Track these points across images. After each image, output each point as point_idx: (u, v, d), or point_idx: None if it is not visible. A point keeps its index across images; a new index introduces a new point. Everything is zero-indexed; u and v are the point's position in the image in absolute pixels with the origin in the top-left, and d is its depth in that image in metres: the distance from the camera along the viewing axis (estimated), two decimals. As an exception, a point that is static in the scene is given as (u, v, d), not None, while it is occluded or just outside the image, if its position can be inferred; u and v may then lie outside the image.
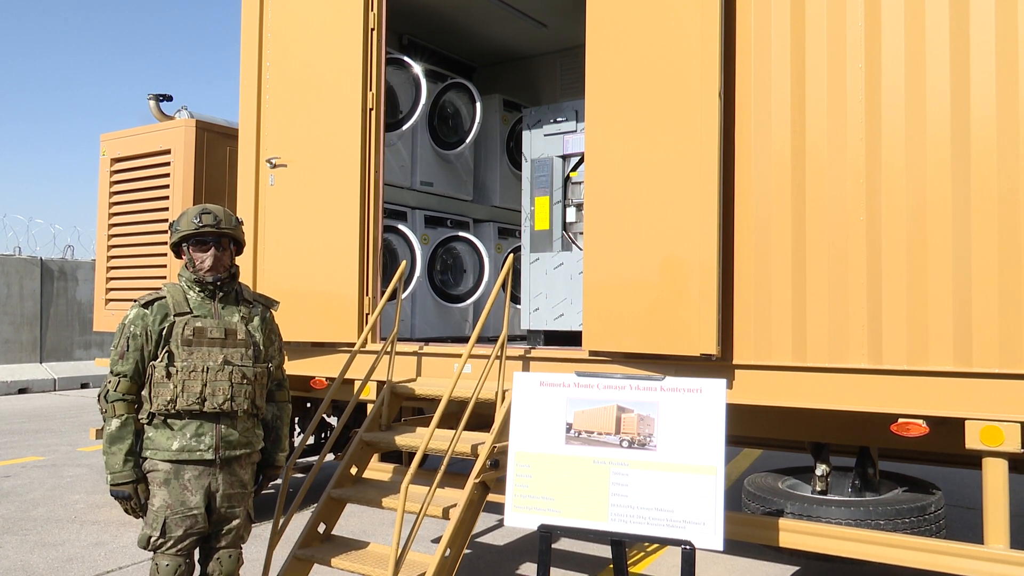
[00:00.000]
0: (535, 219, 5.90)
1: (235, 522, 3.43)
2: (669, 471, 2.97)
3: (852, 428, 3.89)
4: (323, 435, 7.32)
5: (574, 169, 5.80)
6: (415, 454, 4.52)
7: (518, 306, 7.04)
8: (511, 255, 4.56)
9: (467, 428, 4.20)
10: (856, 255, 3.58)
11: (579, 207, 5.74)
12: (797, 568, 5.22)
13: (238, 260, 3.59)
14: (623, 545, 3.20)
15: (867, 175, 3.57)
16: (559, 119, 5.85)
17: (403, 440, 4.39)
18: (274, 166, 5.48)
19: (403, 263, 4.90)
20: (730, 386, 3.79)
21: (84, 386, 15.90)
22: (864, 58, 3.60)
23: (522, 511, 3.14)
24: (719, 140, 3.76)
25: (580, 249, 5.71)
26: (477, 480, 3.91)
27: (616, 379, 3.12)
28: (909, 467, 4.67)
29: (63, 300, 16.29)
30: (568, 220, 5.79)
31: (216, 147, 6.44)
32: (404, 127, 5.83)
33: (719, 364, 3.84)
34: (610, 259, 4.14)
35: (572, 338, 5.56)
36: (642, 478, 3.00)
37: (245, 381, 3.41)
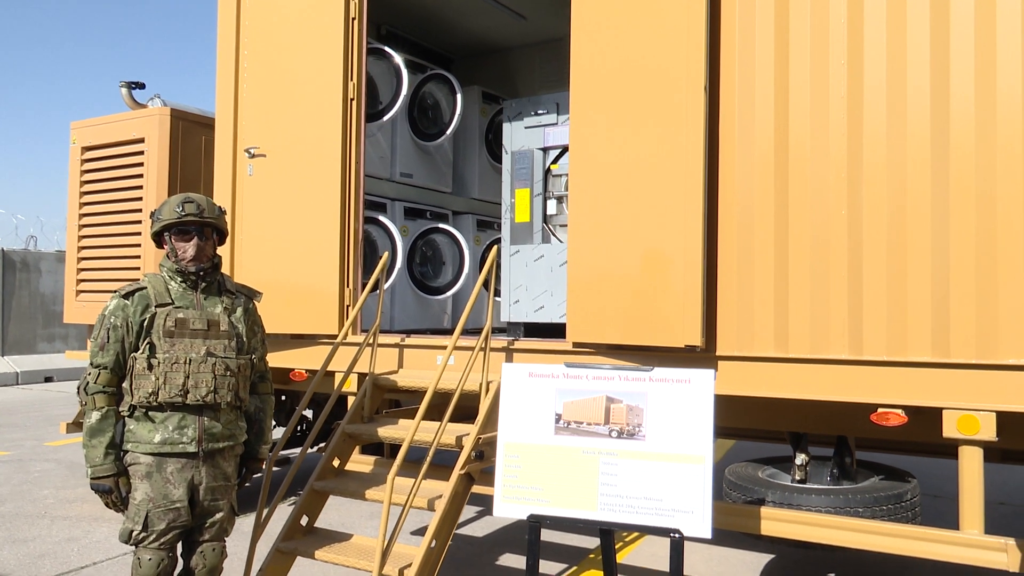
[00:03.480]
0: (515, 211, 5.90)
1: (218, 515, 3.40)
2: (658, 460, 2.99)
3: (831, 418, 3.96)
4: (300, 428, 7.26)
5: (555, 162, 5.80)
6: (398, 446, 4.52)
7: (497, 299, 7.04)
8: (496, 246, 4.56)
9: (449, 420, 4.19)
10: (837, 248, 3.63)
11: (560, 199, 5.75)
12: (773, 556, 5.31)
13: (219, 250, 3.54)
14: (612, 534, 3.23)
15: (848, 170, 3.62)
16: (540, 111, 5.85)
17: (386, 432, 4.37)
18: (252, 156, 5.41)
19: (385, 254, 4.88)
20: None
21: (48, 380, 15.60)
22: (847, 55, 3.65)
23: (511, 502, 3.15)
24: (704, 134, 3.78)
25: (561, 241, 5.73)
26: (462, 471, 3.91)
27: (605, 370, 3.14)
28: (883, 456, 4.76)
29: (26, 292, 15.96)
30: (548, 212, 5.80)
31: (191, 136, 6.34)
32: (384, 118, 5.79)
33: (703, 355, 3.88)
34: (594, 251, 4.16)
35: (552, 330, 5.57)
36: (631, 468, 3.02)
37: (228, 373, 3.37)
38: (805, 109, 3.72)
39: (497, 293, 7.07)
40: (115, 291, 3.36)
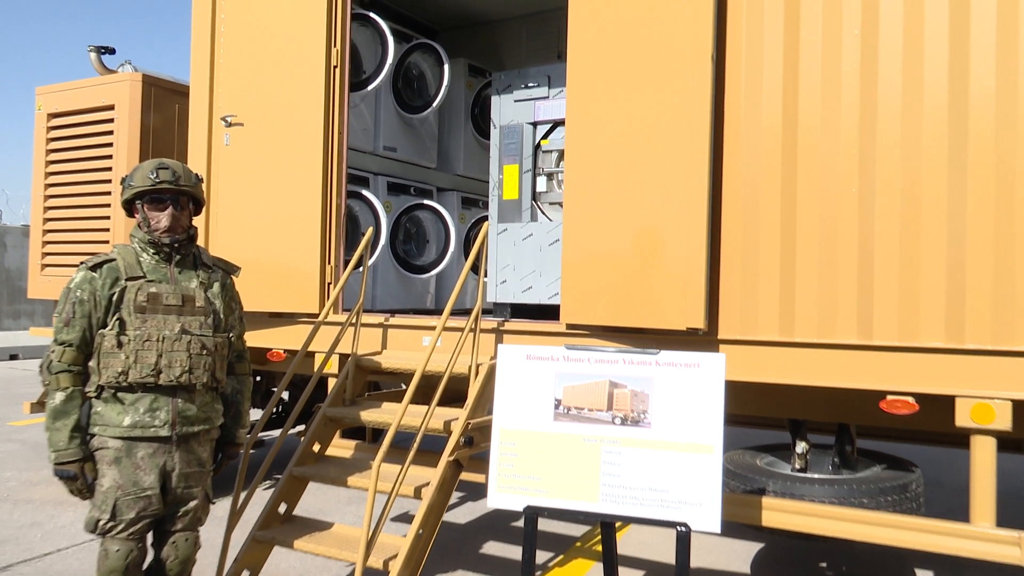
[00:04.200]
0: (503, 188, 5.69)
1: (192, 503, 3.18)
2: (664, 449, 2.83)
3: (835, 405, 3.82)
4: (277, 410, 7.04)
5: (545, 136, 5.60)
6: (380, 431, 4.32)
7: (484, 278, 6.83)
8: (486, 223, 4.35)
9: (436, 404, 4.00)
10: (847, 228, 3.47)
11: (550, 176, 5.55)
12: (762, 544, 5.20)
13: (195, 221, 3.31)
14: (613, 527, 3.06)
15: (860, 146, 3.46)
16: (530, 84, 5.63)
17: (370, 416, 4.17)
18: (229, 124, 5.14)
19: (369, 229, 4.65)
20: (714, 362, 3.67)
21: (13, 357, 15.15)
22: (860, 24, 3.47)
23: (507, 491, 2.97)
24: (711, 106, 3.60)
25: (550, 220, 5.53)
26: (451, 458, 3.72)
27: (608, 353, 2.96)
28: (880, 444, 4.64)
29: (-10, 267, 15.47)
30: (538, 189, 5.60)
31: (164, 104, 6.04)
32: (368, 88, 5.54)
33: (704, 339, 3.72)
34: (591, 229, 3.97)
35: (541, 311, 5.39)
36: (635, 457, 2.85)
37: (204, 352, 3.15)
38: (816, 81, 3.55)
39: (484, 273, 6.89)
40: (81, 263, 3.11)
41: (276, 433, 7.29)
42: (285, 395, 7.20)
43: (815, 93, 3.55)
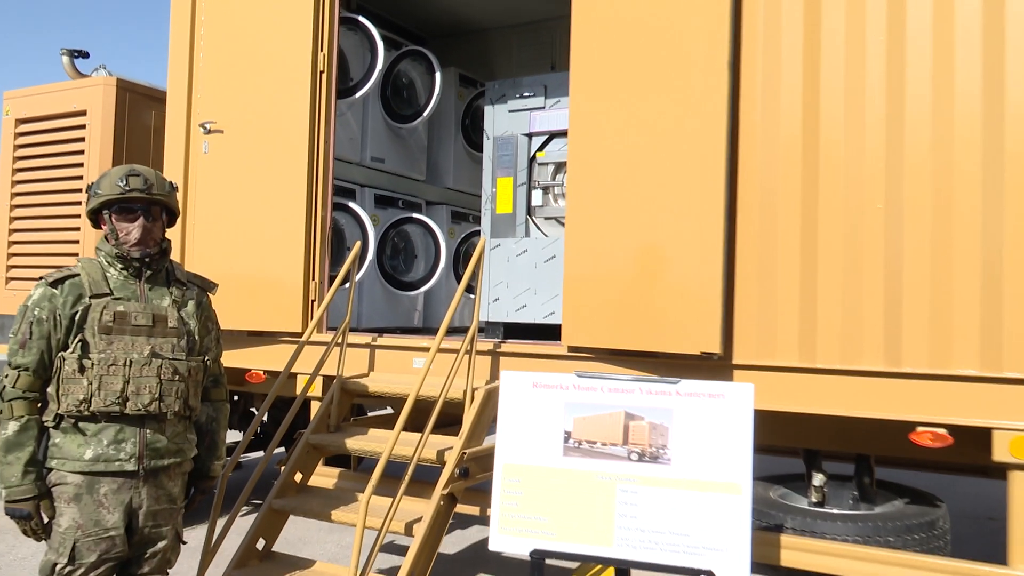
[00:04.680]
0: (497, 202, 5.44)
1: (161, 544, 2.87)
2: (686, 489, 2.56)
3: (856, 435, 3.58)
4: (257, 433, 6.70)
5: (541, 149, 5.36)
6: (366, 459, 4.03)
7: (473, 296, 6.56)
8: (483, 237, 4.09)
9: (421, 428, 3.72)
10: (873, 246, 3.25)
11: (546, 190, 5.31)
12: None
13: (169, 233, 3.02)
14: (628, 575, 2.79)
15: (887, 158, 3.25)
16: (525, 94, 5.40)
17: (356, 444, 3.87)
18: (208, 131, 4.86)
19: (357, 243, 4.38)
20: (728, 388, 3.42)
21: (-19, 373, 14.60)
22: (886, 29, 3.27)
23: (511, 534, 2.69)
24: (727, 115, 3.37)
25: (546, 235, 5.29)
26: (445, 492, 3.44)
27: (623, 381, 2.70)
28: (889, 473, 4.41)
29: (-41, 279, 14.95)
30: (533, 203, 5.36)
31: (140, 110, 5.74)
32: (357, 95, 5.27)
33: (719, 364, 3.47)
34: (595, 245, 3.72)
35: (535, 331, 5.14)
36: (654, 497, 2.59)
37: (177, 377, 2.85)
38: (838, 89, 3.33)
39: (471, 290, 6.62)
40: (41, 278, 2.81)
41: (255, 455, 6.95)
42: (265, 417, 6.87)
43: (837, 102, 3.33)
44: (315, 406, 4.46)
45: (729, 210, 3.44)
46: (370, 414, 7.40)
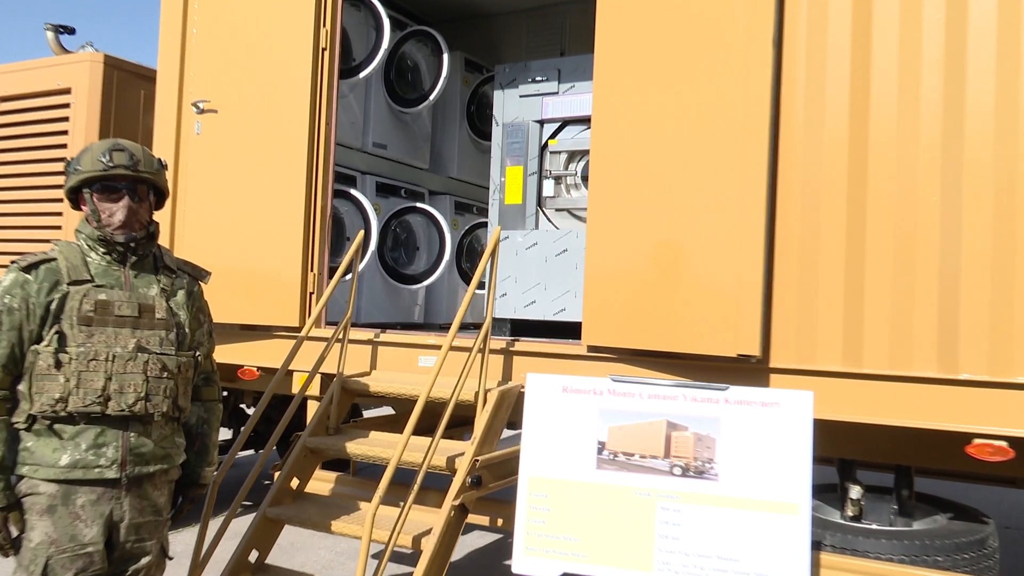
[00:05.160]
0: (506, 192, 5.17)
1: (144, 560, 2.59)
2: (735, 508, 2.30)
3: (899, 445, 3.33)
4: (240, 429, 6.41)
5: (553, 136, 5.09)
6: (369, 464, 3.74)
7: (480, 291, 6.29)
8: (497, 228, 3.81)
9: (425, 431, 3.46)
10: (927, 242, 2.99)
11: (558, 179, 5.04)
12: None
13: (157, 217, 2.73)
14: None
15: (944, 147, 2.99)
16: (538, 78, 5.12)
17: (359, 449, 3.59)
18: (201, 111, 4.55)
19: (360, 232, 4.09)
20: (764, 393, 3.15)
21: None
22: (944, 8, 3.00)
23: (537, 555, 2.42)
24: (771, 97, 3.10)
25: (556, 228, 5.02)
26: (456, 502, 3.16)
27: (665, 387, 2.43)
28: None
29: (-60, 267, 14.54)
30: (544, 194, 5.08)
31: (128, 89, 5.43)
32: (361, 75, 4.97)
33: (755, 367, 3.20)
34: (619, 240, 3.45)
35: (544, 329, 4.87)
36: (699, 516, 2.32)
37: (166, 374, 2.56)
38: (891, 72, 3.07)
39: (482, 285, 6.33)
40: (12, 262, 2.52)
41: (245, 453, 6.65)
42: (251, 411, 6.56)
43: (889, 85, 3.07)
44: (312, 406, 4.18)
45: (769, 202, 3.17)
46: (366, 414, 7.12)
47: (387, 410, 7.22)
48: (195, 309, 2.78)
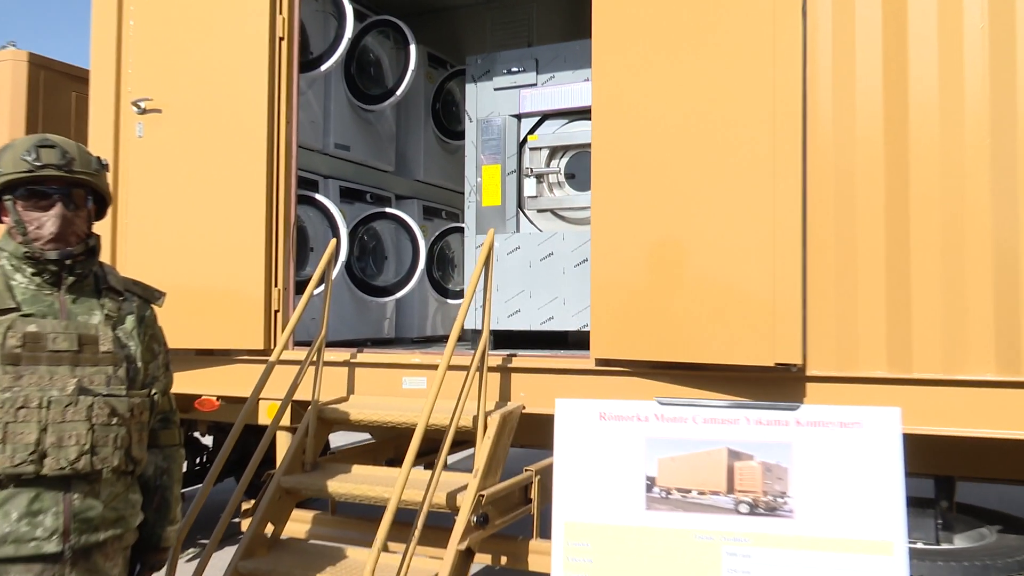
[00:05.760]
0: (483, 193, 4.78)
1: (97, 646, 2.11)
2: (816, 550, 1.94)
3: (946, 454, 3.02)
4: (199, 460, 5.88)
5: (532, 131, 4.72)
6: (356, 502, 3.30)
7: (450, 301, 5.88)
8: (491, 230, 3.41)
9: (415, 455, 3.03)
10: (978, 235, 2.69)
11: (539, 178, 4.67)
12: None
13: (96, 227, 2.27)
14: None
15: (993, 130, 2.69)
16: (513, 69, 4.75)
17: (342, 487, 3.14)
18: (143, 111, 4.05)
19: (332, 241, 3.65)
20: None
21: None
22: (986, -32, 2.71)
23: (580, 617, 2.03)
24: (802, 73, 2.77)
25: (539, 230, 4.65)
26: (462, 547, 2.75)
27: (722, 408, 2.06)
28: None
29: None
30: (525, 194, 4.72)
31: (57, 91, 4.88)
32: (322, 67, 4.51)
33: (791, 376, 2.86)
34: (630, 241, 3.09)
35: (529, 340, 4.49)
36: (774, 561, 1.96)
37: (115, 420, 2.10)
38: (930, 40, 2.76)
39: (445, 294, 5.93)
40: (-84, 289, 2.03)
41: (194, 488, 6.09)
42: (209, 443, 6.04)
43: (929, 61, 2.76)
44: (283, 439, 3.72)
45: (802, 193, 2.84)
46: (331, 439, 6.63)
47: (352, 436, 6.72)
48: (148, 338, 2.31)
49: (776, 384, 2.87)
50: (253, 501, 3.40)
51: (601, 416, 2.12)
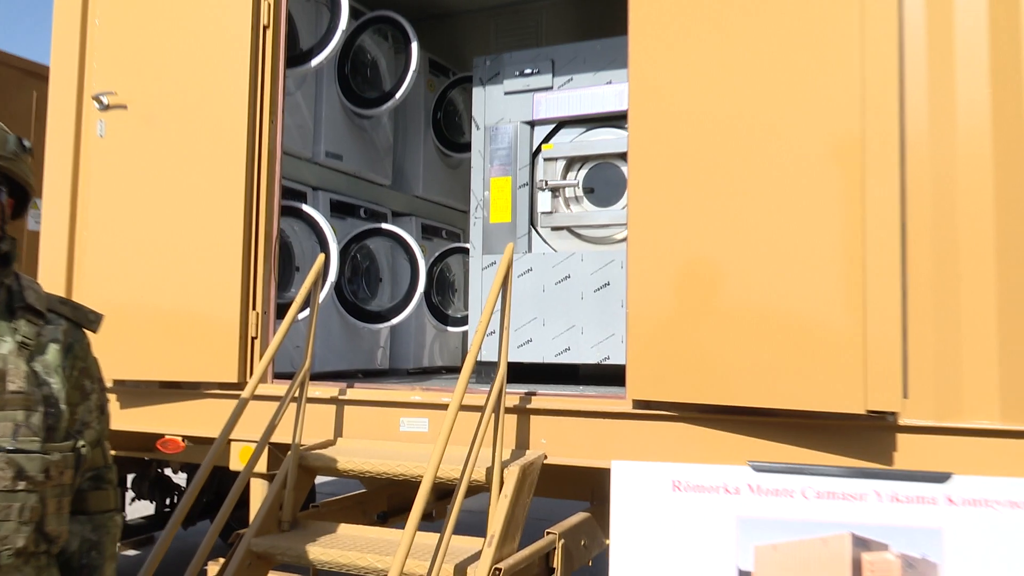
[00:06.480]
0: (491, 208, 4.28)
1: None
2: None
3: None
4: (169, 502, 5.30)
5: (547, 140, 4.24)
6: (342, 572, 2.73)
7: (450, 328, 5.34)
8: (510, 244, 2.90)
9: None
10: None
11: (554, 192, 4.17)
12: None
13: (15, 229, 1.74)
14: None
15: None
16: (527, 71, 4.28)
17: (326, 553, 2.58)
18: (106, 107, 3.54)
19: (320, 256, 3.12)
20: (889, 459, 2.29)
21: None
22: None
23: None
24: (897, 52, 2.29)
25: (554, 250, 4.15)
26: (476, 639, 2.19)
27: (842, 478, 1.54)
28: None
29: None
30: (539, 209, 4.22)
31: (16, 89, 4.38)
32: (312, 62, 4.00)
33: (872, 424, 2.34)
34: (678, 257, 2.59)
35: (542, 373, 3.98)
36: None
37: (23, 485, 1.56)
38: (1047, 26, 2.29)
39: (445, 321, 5.41)
40: None
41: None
42: (182, 479, 5.46)
43: (1046, 43, 2.29)
44: (258, 486, 3.17)
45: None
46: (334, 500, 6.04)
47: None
48: (77, 373, 1.77)
49: (860, 435, 2.35)
50: (223, 560, 2.85)
51: (675, 485, 1.59)
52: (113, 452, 3.72)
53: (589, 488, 3.22)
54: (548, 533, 2.68)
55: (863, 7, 2.30)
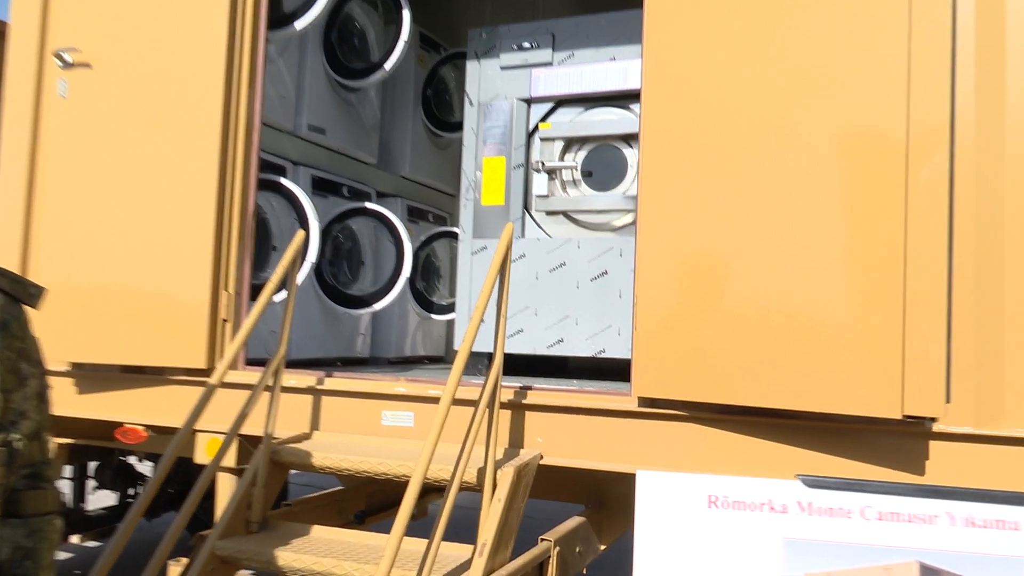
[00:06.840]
0: (483, 190, 4.04)
1: None
2: None
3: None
4: (133, 493, 5.01)
5: (545, 119, 4.00)
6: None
7: (435, 316, 5.10)
8: (509, 224, 2.66)
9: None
10: None
11: (551, 174, 3.94)
12: None
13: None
14: None
15: None
16: (524, 45, 4.04)
17: (298, 559, 2.34)
18: (68, 65, 3.25)
19: (299, 233, 2.87)
20: (920, 468, 2.08)
21: None
22: None
23: None
24: (950, 31, 2.07)
25: (549, 236, 3.92)
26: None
27: (907, 497, 1.33)
28: None
29: None
30: (535, 192, 3.98)
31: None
32: (295, 26, 3.73)
33: (904, 430, 2.13)
34: (692, 245, 2.37)
35: (533, 366, 3.75)
36: None
37: (-63, 486, 1.30)
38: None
39: (430, 308, 5.16)
40: None
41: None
42: (148, 467, 5.18)
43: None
44: (225, 481, 2.91)
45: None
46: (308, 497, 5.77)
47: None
48: (13, 354, 1.51)
49: (891, 440, 2.14)
50: (185, 561, 2.60)
51: (712, 501, 1.37)
52: (71, 441, 3.44)
53: (584, 490, 3.01)
54: (542, 540, 2.46)
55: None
